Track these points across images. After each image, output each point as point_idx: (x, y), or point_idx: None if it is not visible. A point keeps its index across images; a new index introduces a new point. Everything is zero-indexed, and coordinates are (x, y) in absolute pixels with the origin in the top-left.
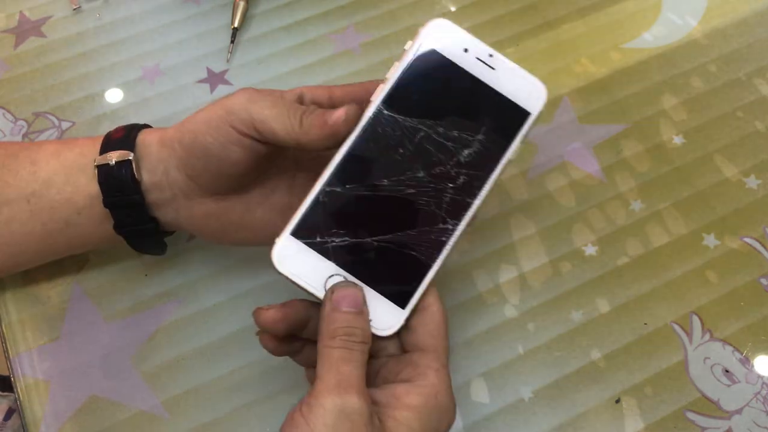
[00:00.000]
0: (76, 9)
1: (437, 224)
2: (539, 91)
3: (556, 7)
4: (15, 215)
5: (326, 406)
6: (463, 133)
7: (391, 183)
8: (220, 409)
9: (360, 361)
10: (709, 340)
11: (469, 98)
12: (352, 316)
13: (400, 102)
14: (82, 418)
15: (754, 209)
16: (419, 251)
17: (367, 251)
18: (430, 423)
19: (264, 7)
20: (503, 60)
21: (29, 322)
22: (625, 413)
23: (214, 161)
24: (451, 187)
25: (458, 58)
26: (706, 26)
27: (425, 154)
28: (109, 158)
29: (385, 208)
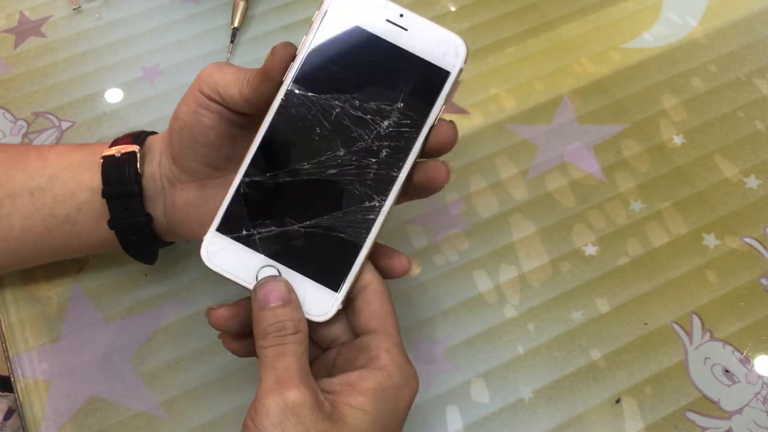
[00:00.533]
0: (76, 9)
1: (363, 203)
2: (457, 48)
3: (556, 7)
4: (17, 208)
5: (269, 407)
6: (381, 104)
7: (312, 165)
8: (219, 410)
9: (295, 353)
10: (709, 340)
11: (383, 64)
12: (280, 310)
13: (311, 78)
14: (82, 418)
15: (754, 209)
16: (347, 233)
17: (294, 238)
18: (386, 404)
19: (264, 7)
20: (416, 18)
21: (29, 322)
22: (625, 413)
23: (188, 131)
24: (374, 162)
25: (367, 22)
26: (706, 26)
27: (343, 131)
28: (116, 150)
29: (308, 192)
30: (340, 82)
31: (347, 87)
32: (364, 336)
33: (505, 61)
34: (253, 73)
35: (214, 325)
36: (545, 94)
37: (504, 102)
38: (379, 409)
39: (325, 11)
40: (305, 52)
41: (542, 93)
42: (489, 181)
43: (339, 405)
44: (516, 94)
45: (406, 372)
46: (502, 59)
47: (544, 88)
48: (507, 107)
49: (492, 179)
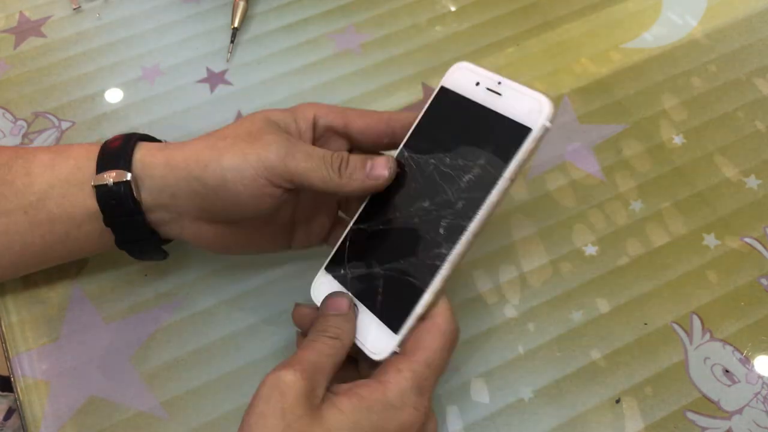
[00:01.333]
0: (76, 9)
1: (433, 250)
2: (542, 105)
3: (556, 7)
4: (14, 226)
5: (266, 381)
6: (466, 160)
7: (401, 215)
8: (219, 410)
9: (319, 350)
10: (710, 340)
11: (476, 127)
12: (332, 317)
13: (418, 141)
14: (82, 418)
15: (754, 209)
16: (416, 277)
17: (374, 279)
18: (369, 414)
19: (264, 7)
20: (509, 83)
21: (29, 322)
22: (625, 413)
23: (241, 206)
24: (450, 212)
25: (470, 92)
26: (706, 26)
27: (432, 185)
28: (106, 178)
29: (392, 238)
30: (439, 143)
31: (443, 147)
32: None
33: (505, 61)
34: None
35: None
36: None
37: None
38: (357, 417)
39: (440, 85)
40: (418, 120)
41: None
42: None
43: (329, 402)
44: None
45: (407, 398)
46: (502, 59)
47: (544, 88)
48: None
49: None
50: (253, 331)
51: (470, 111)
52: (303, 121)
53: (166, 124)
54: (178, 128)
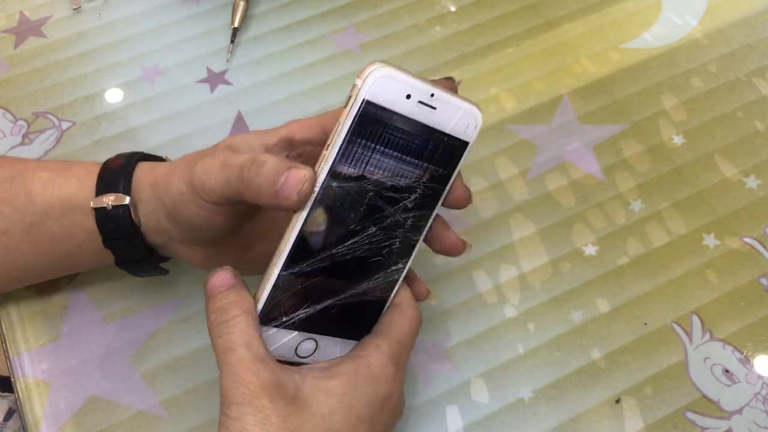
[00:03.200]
0: (76, 9)
1: (389, 268)
2: (477, 119)
3: (556, 7)
4: (15, 245)
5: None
6: (409, 181)
7: (346, 248)
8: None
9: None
10: (709, 340)
11: (415, 144)
12: (221, 294)
13: (346, 169)
14: (82, 418)
15: (754, 209)
16: (375, 295)
17: (328, 311)
18: (358, 391)
19: (264, 7)
20: (442, 95)
21: (29, 322)
22: (625, 413)
23: (200, 227)
24: (400, 232)
25: (399, 105)
26: (706, 26)
27: (375, 211)
28: (105, 201)
29: (340, 271)
30: (373, 166)
31: (379, 170)
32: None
33: (505, 61)
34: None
35: None
36: (545, 94)
37: (504, 102)
38: (350, 396)
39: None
40: (339, 143)
41: (542, 93)
42: (489, 181)
43: (305, 387)
44: (516, 94)
45: (388, 371)
46: (502, 59)
47: (544, 88)
48: (507, 107)
49: (492, 179)
50: None
51: (402, 127)
52: (272, 137)
53: (166, 124)
54: (178, 128)
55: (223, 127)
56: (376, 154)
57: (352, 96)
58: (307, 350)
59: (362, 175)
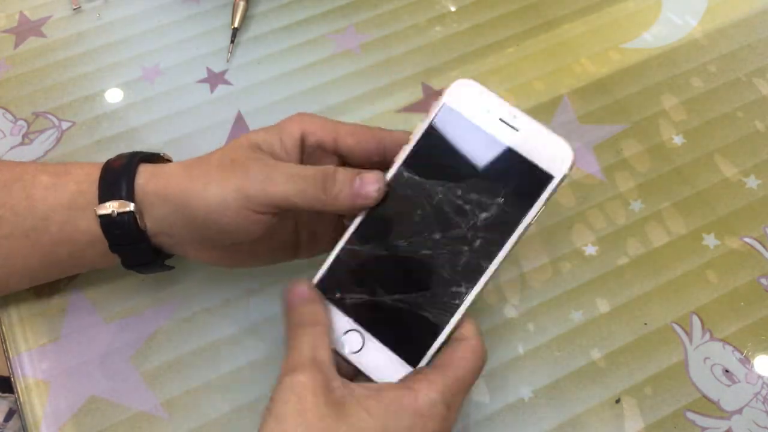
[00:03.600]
0: (76, 9)
1: (451, 287)
2: (565, 153)
3: (556, 7)
4: (16, 249)
5: (281, 384)
6: (482, 196)
7: (408, 244)
8: (219, 410)
9: (309, 343)
10: (709, 340)
11: (490, 160)
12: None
13: (421, 163)
14: (82, 418)
15: (754, 209)
16: (432, 312)
17: (381, 309)
18: (398, 420)
19: (264, 7)
20: (528, 120)
21: (29, 322)
22: (625, 413)
23: (232, 234)
24: (467, 250)
25: (480, 119)
26: (706, 26)
27: (443, 216)
28: (109, 208)
29: (400, 267)
30: (447, 170)
31: (453, 176)
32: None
33: (505, 61)
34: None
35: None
36: (545, 94)
37: None
38: (386, 421)
39: (443, 102)
40: (418, 137)
41: (542, 93)
42: None
43: (352, 398)
44: (516, 94)
45: (436, 409)
46: (502, 59)
47: (544, 88)
48: None
49: None
50: (253, 331)
51: (481, 141)
52: (289, 139)
53: (166, 124)
54: (178, 128)
55: (223, 127)
56: (451, 160)
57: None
58: (352, 344)
59: (435, 175)
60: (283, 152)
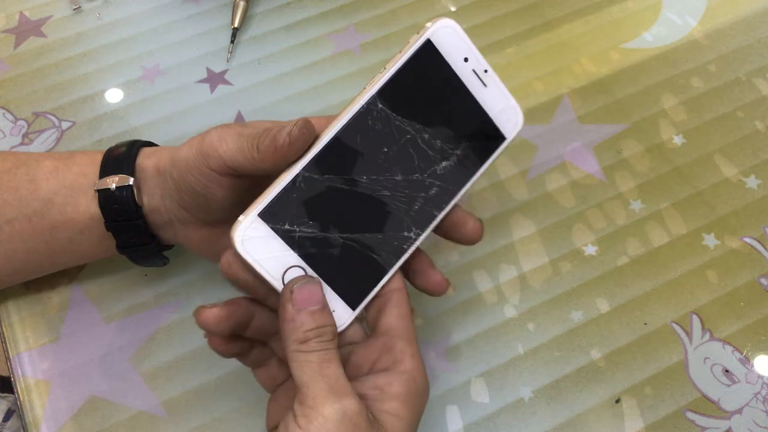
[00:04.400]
0: (76, 9)
1: (402, 231)
2: (518, 118)
3: (556, 7)
4: (17, 233)
5: (326, 414)
6: (444, 144)
7: (369, 181)
8: (219, 410)
9: (338, 360)
10: (709, 340)
11: (459, 109)
12: (319, 315)
13: (394, 97)
14: (82, 418)
15: (754, 209)
16: (380, 255)
17: (331, 246)
18: (415, 407)
19: (264, 7)
20: (495, 79)
21: (29, 322)
22: (625, 413)
23: (202, 198)
24: (422, 197)
25: (457, 65)
26: (706, 26)
27: (407, 159)
28: (109, 183)
29: (357, 205)
30: (418, 110)
31: (423, 117)
32: (386, 337)
33: (505, 61)
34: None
35: (203, 325)
36: (545, 94)
37: None
38: (410, 415)
39: (425, 38)
40: (394, 69)
41: (542, 93)
42: (489, 181)
43: (376, 412)
44: (516, 94)
45: (426, 379)
46: (502, 59)
47: (544, 88)
48: None
49: (492, 179)
50: None
51: (454, 87)
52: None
53: (166, 124)
54: (178, 128)
55: None
56: (423, 100)
57: (418, 33)
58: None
59: (406, 112)
60: None
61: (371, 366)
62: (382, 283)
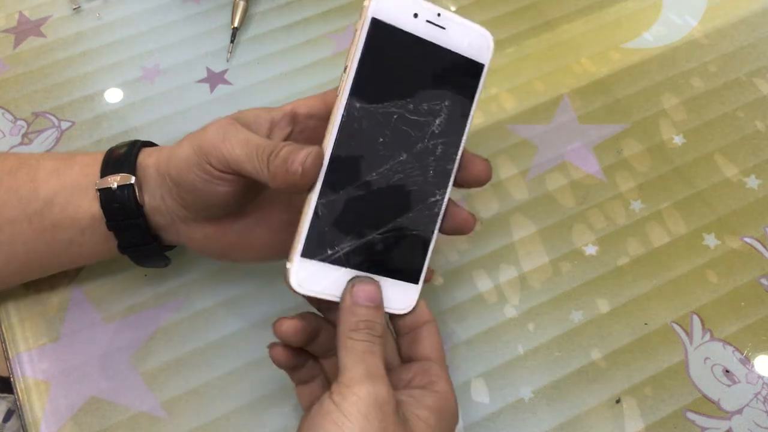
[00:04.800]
0: (76, 9)
1: (428, 199)
2: (487, 40)
3: (556, 7)
4: (17, 235)
5: (360, 395)
6: (431, 103)
7: (379, 175)
8: (219, 410)
9: (381, 354)
10: (709, 340)
11: (429, 65)
12: (372, 311)
13: (367, 89)
14: (82, 418)
15: (754, 209)
16: (418, 229)
17: (374, 246)
18: (445, 423)
19: (264, 7)
20: (450, 16)
21: (29, 322)
22: (625, 413)
23: (202, 195)
24: (432, 160)
25: (410, 25)
26: (706, 26)
27: (403, 136)
28: (111, 182)
29: (379, 200)
30: (393, 88)
31: (401, 92)
32: (422, 362)
33: (505, 61)
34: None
35: (282, 336)
36: (545, 94)
37: (504, 102)
38: (439, 429)
39: (368, 18)
40: (355, 63)
41: (542, 93)
42: (489, 181)
43: (408, 414)
44: (516, 94)
45: (456, 407)
46: (502, 59)
47: (544, 88)
48: (507, 107)
49: (492, 179)
50: (253, 331)
51: (416, 48)
52: (277, 112)
53: (166, 124)
54: (178, 128)
55: None
56: (394, 76)
57: (361, 17)
58: None
59: (384, 97)
60: (267, 124)
61: (407, 384)
62: (431, 248)
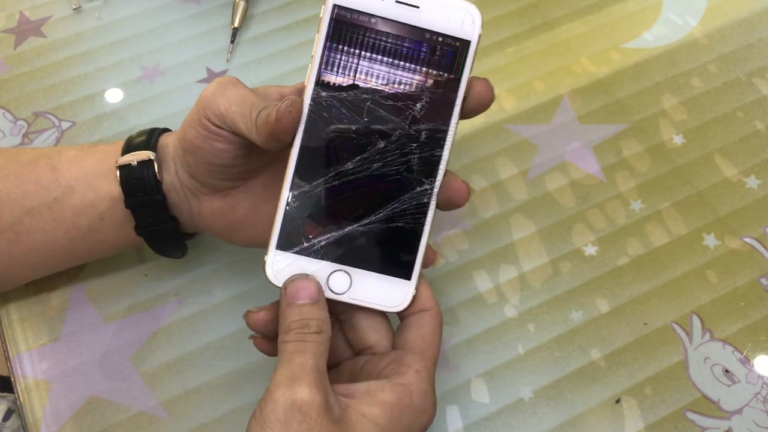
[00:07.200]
0: (76, 9)
1: (415, 188)
2: (473, 15)
3: (556, 7)
4: (38, 225)
5: (277, 401)
6: (409, 87)
7: (356, 164)
8: (220, 410)
9: (314, 352)
10: (709, 340)
11: (405, 45)
12: (307, 308)
13: (334, 78)
14: (82, 418)
15: (754, 209)
16: (406, 221)
17: (357, 238)
18: (401, 421)
19: (264, 7)
20: None
21: (29, 322)
22: (625, 413)
23: (201, 153)
24: (416, 147)
25: (376, 7)
26: (706, 26)
27: (379, 123)
28: (131, 159)
29: (358, 191)
30: (364, 74)
31: (372, 77)
32: (400, 351)
33: (505, 61)
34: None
35: (252, 327)
36: (545, 94)
37: (504, 102)
38: (391, 427)
39: (328, 5)
40: (321, 51)
41: (542, 93)
42: (489, 181)
43: (350, 411)
44: (516, 94)
45: (428, 399)
46: (502, 59)
47: (544, 88)
48: (507, 107)
49: (492, 179)
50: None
51: (388, 29)
52: (288, 88)
53: (166, 124)
54: (178, 128)
55: None
56: (364, 61)
57: (324, 5)
58: (341, 285)
59: (353, 84)
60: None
61: (378, 374)
62: (423, 243)
